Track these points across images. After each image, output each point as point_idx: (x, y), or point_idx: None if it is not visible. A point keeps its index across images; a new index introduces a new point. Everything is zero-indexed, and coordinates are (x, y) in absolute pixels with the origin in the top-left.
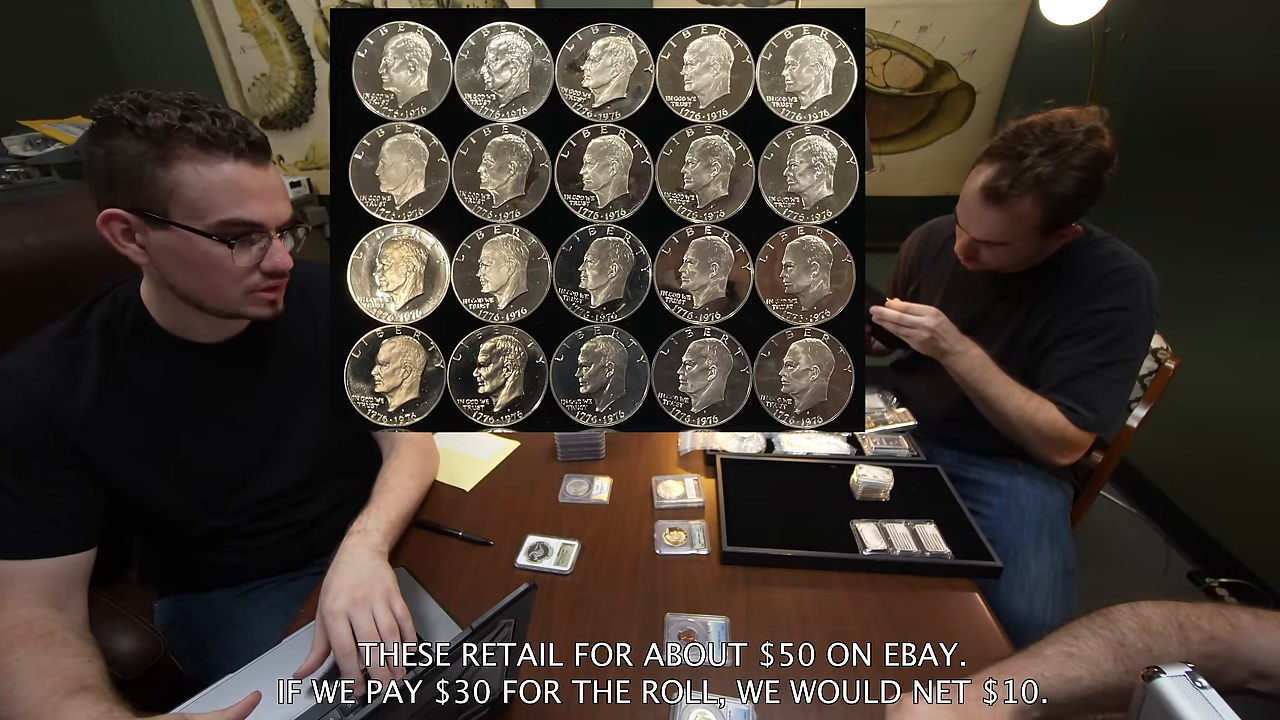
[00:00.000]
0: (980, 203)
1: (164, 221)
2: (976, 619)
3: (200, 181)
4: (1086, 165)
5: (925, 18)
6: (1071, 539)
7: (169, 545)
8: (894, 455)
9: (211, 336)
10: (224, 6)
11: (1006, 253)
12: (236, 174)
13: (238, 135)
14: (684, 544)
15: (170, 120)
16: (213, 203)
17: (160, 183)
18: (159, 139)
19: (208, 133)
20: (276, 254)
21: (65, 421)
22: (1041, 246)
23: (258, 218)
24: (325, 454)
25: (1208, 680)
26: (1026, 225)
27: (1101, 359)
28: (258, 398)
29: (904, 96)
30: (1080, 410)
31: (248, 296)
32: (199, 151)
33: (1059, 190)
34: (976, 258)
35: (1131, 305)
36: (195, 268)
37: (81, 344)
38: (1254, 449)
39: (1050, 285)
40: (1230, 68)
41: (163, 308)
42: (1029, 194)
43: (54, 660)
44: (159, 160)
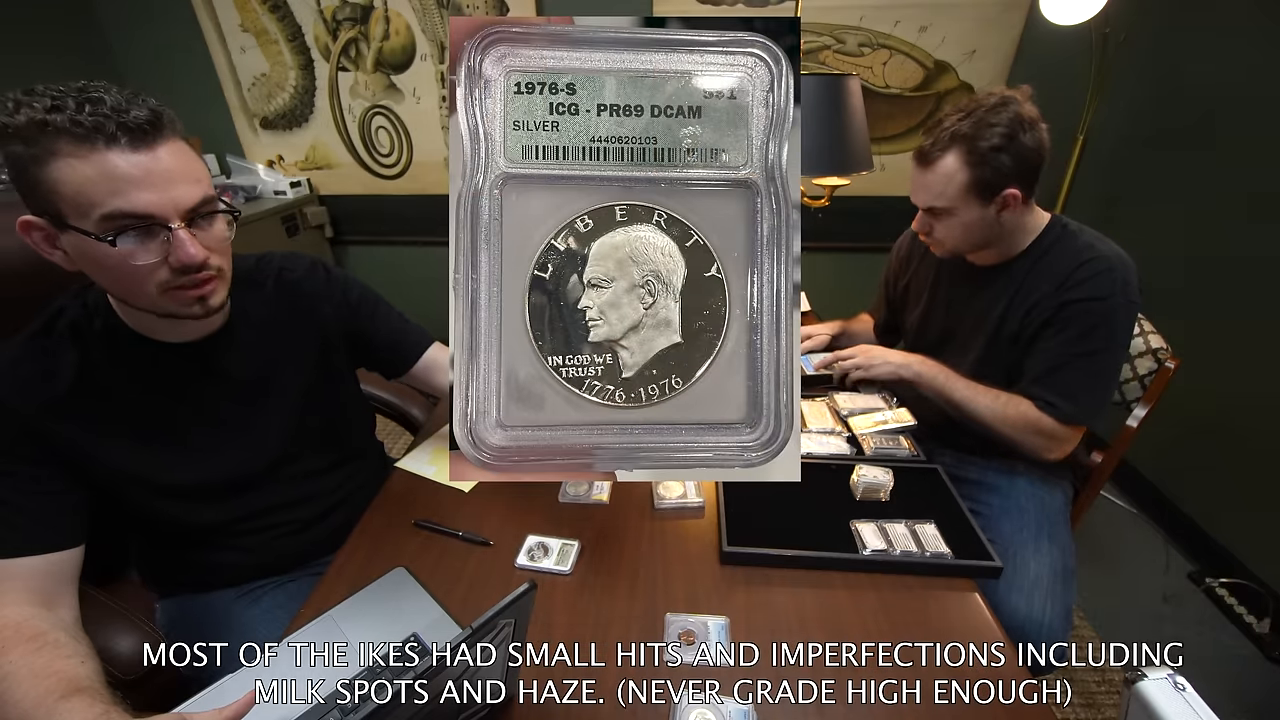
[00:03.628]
0: (915, 169)
1: (62, 224)
2: (976, 619)
3: (75, 176)
4: (1002, 123)
5: (925, 18)
6: (1071, 539)
7: (163, 545)
8: (894, 455)
9: (177, 336)
10: (224, 6)
11: (955, 224)
12: (112, 162)
13: (107, 119)
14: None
15: (35, 114)
16: (90, 198)
17: (42, 184)
18: (29, 137)
19: (71, 121)
20: (181, 247)
21: (40, 419)
22: (985, 217)
23: (143, 208)
24: (311, 447)
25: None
26: (956, 185)
27: (1078, 349)
28: (233, 394)
29: (904, 96)
30: (1058, 403)
31: (166, 296)
32: (70, 145)
33: (981, 145)
34: (932, 234)
35: (1106, 295)
36: (104, 269)
37: (55, 344)
38: (1254, 449)
39: (1028, 276)
40: (1231, 67)
41: (124, 310)
42: (950, 149)
43: (47, 663)
44: (34, 159)
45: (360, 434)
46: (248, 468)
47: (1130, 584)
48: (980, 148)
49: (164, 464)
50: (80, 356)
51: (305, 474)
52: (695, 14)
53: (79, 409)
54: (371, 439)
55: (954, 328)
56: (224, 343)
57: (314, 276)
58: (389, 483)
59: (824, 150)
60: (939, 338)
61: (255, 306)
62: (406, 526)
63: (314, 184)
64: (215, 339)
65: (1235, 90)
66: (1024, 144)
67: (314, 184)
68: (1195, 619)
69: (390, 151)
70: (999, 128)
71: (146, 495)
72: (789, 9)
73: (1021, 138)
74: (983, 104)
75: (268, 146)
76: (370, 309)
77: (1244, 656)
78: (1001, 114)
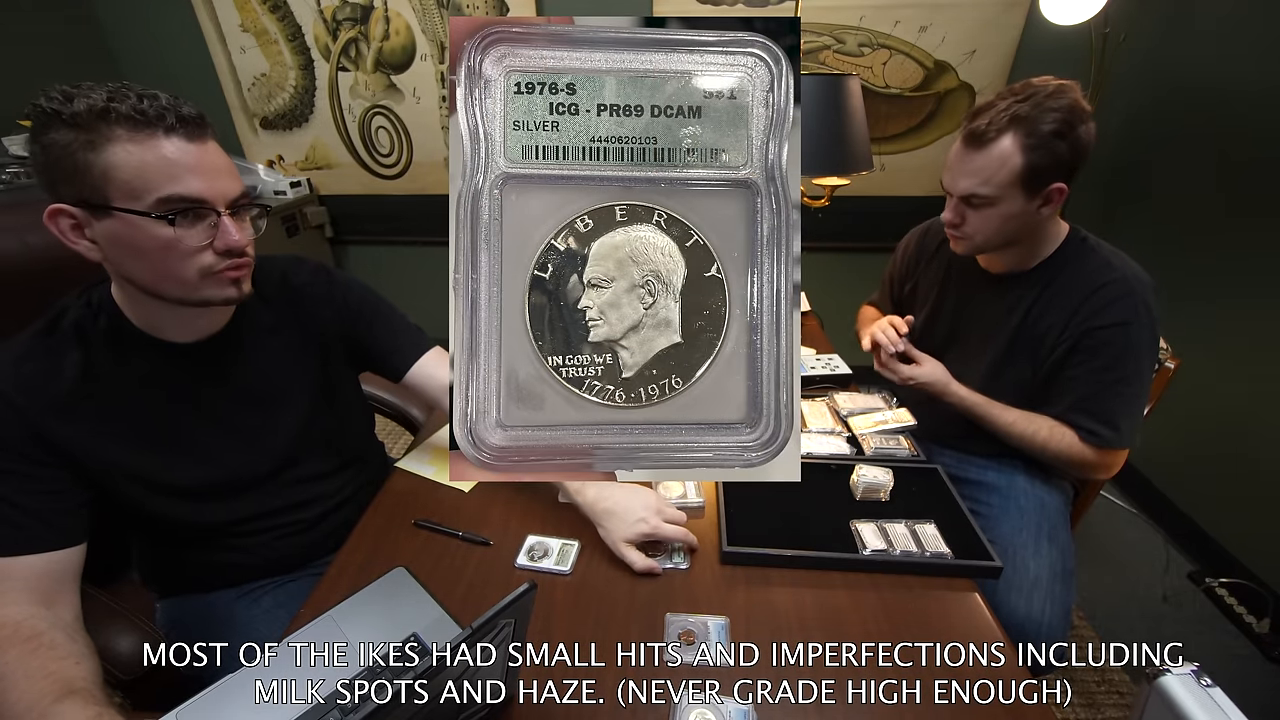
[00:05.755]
0: (961, 152)
1: (105, 208)
2: (976, 619)
3: (132, 161)
4: (1063, 108)
5: (925, 18)
6: (1071, 539)
7: (163, 545)
8: (894, 455)
9: (184, 335)
10: (224, 6)
11: (995, 217)
12: (169, 150)
13: (167, 111)
14: (663, 557)
15: (95, 103)
16: (148, 181)
17: (94, 168)
18: (85, 124)
19: (134, 111)
20: (228, 231)
21: (42, 417)
22: (1026, 211)
23: (197, 193)
24: (314, 451)
25: None
26: (1008, 171)
27: (1110, 376)
28: (237, 397)
29: (904, 96)
30: (1100, 430)
31: (206, 279)
32: (128, 131)
33: (1040, 128)
34: (963, 225)
35: (1132, 319)
36: (144, 253)
37: (58, 342)
38: (1254, 449)
39: (1044, 292)
40: (1231, 67)
41: (133, 307)
42: (1007, 131)
43: (42, 664)
44: (89, 145)
45: (362, 436)
46: (249, 471)
47: (1130, 584)
48: (1041, 131)
49: (165, 464)
50: (84, 355)
51: (308, 477)
52: (695, 14)
53: (82, 407)
54: (372, 441)
55: (961, 333)
56: (228, 345)
57: (317, 281)
58: (389, 483)
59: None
60: (945, 341)
61: (258, 310)
62: (406, 526)
63: (314, 184)
64: (219, 341)
65: (1235, 90)
66: (1080, 136)
67: (314, 184)
68: (1195, 619)
69: (390, 151)
70: (1058, 113)
71: (147, 495)
72: (789, 9)
73: (1079, 129)
74: (1041, 88)
75: (268, 146)
76: (370, 316)
77: (1244, 656)
78: (1061, 100)
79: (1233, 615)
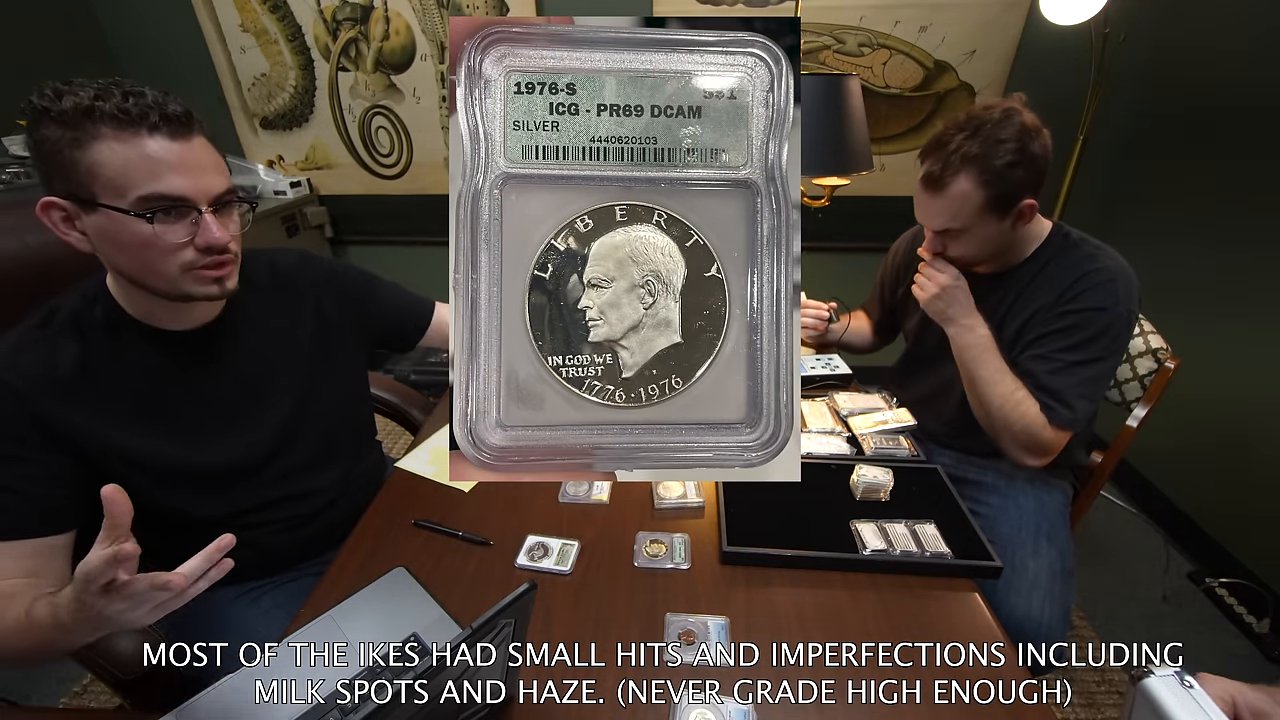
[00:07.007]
0: (922, 193)
1: (92, 204)
2: (976, 619)
3: (116, 159)
4: (1011, 137)
5: (925, 18)
6: (1070, 539)
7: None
8: (894, 455)
9: (178, 324)
10: (224, 6)
11: (971, 241)
12: (152, 148)
13: (151, 109)
14: (664, 556)
15: (81, 101)
16: (130, 179)
17: (80, 165)
18: (72, 121)
19: (118, 109)
20: (208, 229)
21: (41, 406)
22: (1002, 229)
23: (179, 191)
24: (309, 442)
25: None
26: (972, 205)
27: (1076, 356)
28: (231, 385)
29: (904, 96)
30: (1056, 407)
31: (188, 275)
32: (112, 129)
33: (993, 163)
34: (945, 252)
35: (1109, 305)
36: (128, 248)
37: (55, 333)
38: (1254, 449)
39: (1028, 286)
40: (1230, 67)
41: (128, 297)
42: (961, 171)
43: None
44: (75, 143)
45: (359, 431)
46: (244, 457)
47: (1130, 584)
48: (994, 166)
49: (164, 449)
50: (80, 344)
51: (300, 468)
52: (695, 14)
53: (82, 393)
54: (371, 437)
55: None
56: (221, 332)
57: (308, 268)
58: (389, 483)
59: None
60: (937, 345)
61: (249, 298)
62: (406, 526)
63: (314, 184)
64: (213, 328)
65: (1235, 90)
66: (1034, 153)
67: (314, 184)
68: (1195, 619)
69: (390, 151)
70: (1009, 143)
71: (145, 483)
72: (789, 9)
73: (1031, 147)
74: (986, 119)
75: (268, 146)
76: (370, 291)
77: (1244, 656)
78: (1008, 127)
79: (1233, 615)
